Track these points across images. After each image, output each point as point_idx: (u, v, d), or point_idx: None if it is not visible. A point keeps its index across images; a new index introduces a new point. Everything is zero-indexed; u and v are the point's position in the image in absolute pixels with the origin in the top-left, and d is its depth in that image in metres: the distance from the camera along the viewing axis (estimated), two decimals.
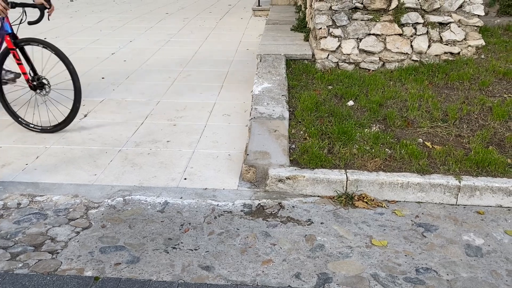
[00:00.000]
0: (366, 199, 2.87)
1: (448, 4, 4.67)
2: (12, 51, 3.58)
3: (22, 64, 3.63)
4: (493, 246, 2.49)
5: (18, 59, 3.59)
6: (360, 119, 3.63)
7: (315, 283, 2.20)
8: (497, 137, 3.40)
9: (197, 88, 4.84)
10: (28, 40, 3.60)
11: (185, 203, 2.82)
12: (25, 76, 3.67)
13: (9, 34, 3.56)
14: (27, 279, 2.19)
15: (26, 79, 3.69)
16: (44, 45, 3.56)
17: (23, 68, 3.65)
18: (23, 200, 2.84)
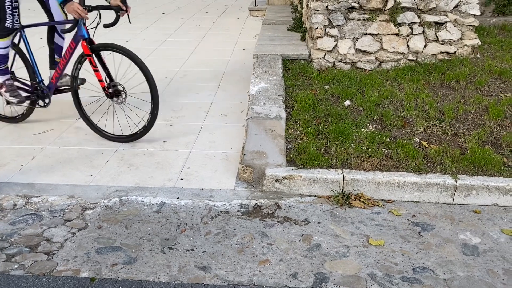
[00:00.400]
0: (363, 199, 2.87)
1: (444, 4, 4.68)
2: (89, 57, 3.40)
3: (98, 71, 3.43)
4: (490, 245, 2.50)
5: (94, 65, 3.41)
6: (357, 119, 3.63)
7: (312, 283, 2.19)
8: (493, 136, 3.41)
9: (193, 88, 4.83)
10: (106, 45, 3.42)
11: (181, 204, 2.82)
12: (102, 83, 3.47)
13: (86, 39, 3.39)
14: (22, 280, 2.18)
15: (102, 86, 3.48)
16: (122, 52, 3.36)
17: (99, 75, 3.44)
18: (19, 201, 2.83)
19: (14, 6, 3.43)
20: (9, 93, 3.65)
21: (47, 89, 3.71)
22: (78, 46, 3.47)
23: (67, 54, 3.53)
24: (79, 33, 3.39)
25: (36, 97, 3.75)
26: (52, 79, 3.68)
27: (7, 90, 3.65)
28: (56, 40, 3.88)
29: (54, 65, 3.87)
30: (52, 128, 3.84)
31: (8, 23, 3.43)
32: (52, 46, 3.91)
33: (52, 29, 3.85)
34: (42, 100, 3.76)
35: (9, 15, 3.42)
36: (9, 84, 3.67)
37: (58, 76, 3.63)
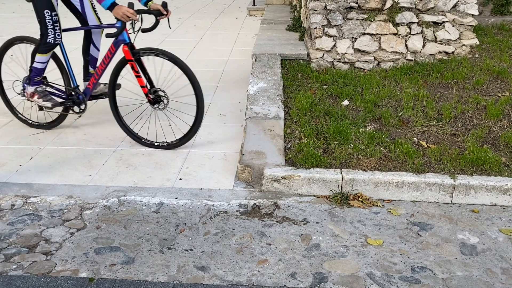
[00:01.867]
0: (362, 198, 2.87)
1: (442, 4, 4.68)
2: (130, 62, 3.31)
3: (140, 77, 3.35)
4: (488, 244, 2.50)
5: (136, 71, 3.32)
6: (355, 119, 3.63)
7: (311, 283, 2.20)
8: (491, 136, 3.42)
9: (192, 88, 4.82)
10: (148, 50, 3.32)
11: (180, 204, 2.82)
12: (144, 89, 3.39)
13: (127, 44, 3.29)
14: (21, 280, 2.18)
15: (145, 92, 3.40)
16: (166, 56, 3.26)
17: (141, 81, 3.36)
18: (17, 201, 2.83)
19: (55, 20, 3.34)
20: (42, 98, 3.57)
21: (83, 95, 3.60)
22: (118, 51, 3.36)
23: (106, 59, 3.43)
24: (120, 38, 3.29)
25: (71, 103, 3.63)
26: (88, 84, 3.58)
27: (39, 96, 3.57)
28: (91, 51, 3.76)
29: (88, 77, 3.75)
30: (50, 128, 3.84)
31: (49, 39, 3.35)
32: (87, 57, 3.78)
33: (88, 41, 3.73)
34: (78, 106, 3.64)
35: (51, 30, 3.33)
36: (41, 90, 3.59)
37: (95, 81, 3.54)
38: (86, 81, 3.75)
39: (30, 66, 3.53)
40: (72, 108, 3.69)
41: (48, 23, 3.32)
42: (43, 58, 3.46)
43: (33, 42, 3.60)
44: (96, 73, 3.51)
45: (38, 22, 3.37)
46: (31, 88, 3.59)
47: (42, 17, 3.30)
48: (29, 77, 3.56)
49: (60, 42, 3.44)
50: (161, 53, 3.29)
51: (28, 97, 3.63)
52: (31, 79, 3.56)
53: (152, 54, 3.31)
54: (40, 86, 3.60)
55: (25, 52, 4.33)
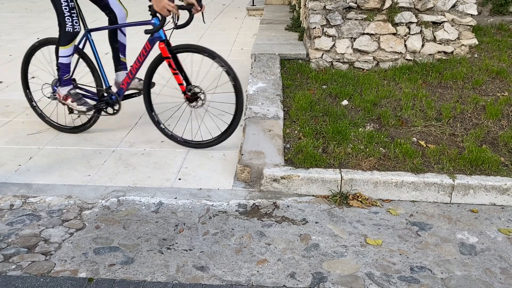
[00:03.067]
0: (361, 198, 2.87)
1: (441, 4, 4.69)
2: (167, 59, 3.23)
3: (178, 74, 3.27)
4: (487, 244, 2.50)
5: (174, 68, 3.24)
6: (355, 119, 3.63)
7: (310, 283, 2.20)
8: (490, 136, 3.42)
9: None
10: (185, 47, 3.24)
11: (179, 204, 2.82)
12: (182, 87, 3.31)
13: (163, 41, 3.20)
14: (20, 281, 2.18)
15: (183, 90, 3.32)
16: (205, 53, 3.19)
17: (179, 79, 3.28)
18: (16, 201, 2.82)
19: (71, 7, 3.18)
20: (76, 102, 3.44)
21: (116, 95, 3.48)
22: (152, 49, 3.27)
23: (141, 57, 3.32)
24: (156, 35, 3.19)
25: (104, 105, 3.53)
26: (122, 84, 3.47)
27: (73, 100, 3.44)
28: (119, 37, 3.59)
29: (120, 66, 3.63)
30: (49, 128, 3.83)
31: (68, 27, 3.19)
32: (116, 45, 3.60)
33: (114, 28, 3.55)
34: (111, 107, 3.53)
35: (68, 17, 3.18)
36: (74, 93, 3.47)
37: (129, 81, 3.43)
38: (118, 71, 3.63)
39: (56, 64, 3.40)
40: (105, 110, 3.56)
41: (65, 10, 3.16)
42: (66, 50, 3.30)
43: None
44: (131, 72, 3.41)
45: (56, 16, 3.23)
46: (63, 90, 3.45)
47: (59, 5, 3.16)
48: (58, 76, 3.43)
49: (79, 31, 3.27)
50: (201, 50, 3.20)
51: (61, 100, 3.49)
52: (61, 79, 3.42)
53: (190, 50, 3.22)
54: (73, 88, 3.48)
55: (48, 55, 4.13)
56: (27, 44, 6.79)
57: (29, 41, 6.91)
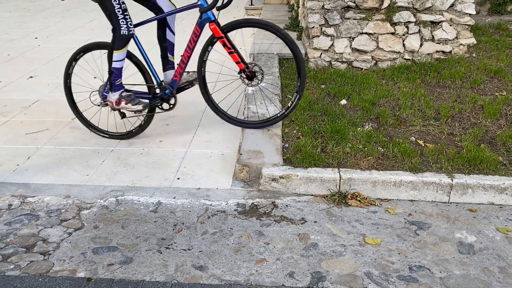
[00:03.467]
0: (359, 198, 2.87)
1: (439, 3, 4.69)
2: (221, 39, 3.17)
3: (234, 53, 3.20)
4: (485, 243, 2.51)
5: (229, 47, 3.18)
6: (353, 118, 3.63)
7: (309, 282, 2.20)
8: (488, 135, 3.42)
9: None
10: (237, 23, 3.19)
11: (178, 203, 2.81)
12: (240, 65, 3.23)
13: (214, 21, 3.16)
14: (18, 280, 2.17)
15: (241, 68, 3.24)
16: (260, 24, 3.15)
17: (235, 57, 3.21)
18: (14, 201, 2.82)
19: (124, 9, 3.07)
20: (131, 103, 3.32)
21: (170, 89, 3.38)
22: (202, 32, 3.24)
23: (192, 43, 3.26)
24: (205, 16, 3.16)
25: (159, 101, 3.42)
26: (175, 76, 3.38)
27: (127, 101, 3.33)
28: (168, 36, 3.47)
29: (168, 65, 3.53)
30: (48, 128, 3.83)
31: (123, 30, 3.09)
32: (164, 44, 3.50)
33: (163, 25, 3.43)
34: (167, 102, 3.43)
35: (122, 20, 3.07)
36: (126, 95, 3.36)
37: (182, 71, 3.35)
38: (166, 70, 3.53)
39: (109, 69, 3.28)
40: (161, 106, 3.47)
41: (118, 12, 3.06)
42: (121, 54, 3.19)
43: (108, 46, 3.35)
44: (182, 61, 3.32)
45: (107, 17, 3.13)
46: (115, 94, 3.34)
47: (111, 8, 3.05)
48: (110, 81, 3.31)
49: (134, 33, 3.19)
50: (253, 22, 3.18)
51: (114, 105, 3.37)
52: (113, 84, 3.31)
53: (243, 25, 3.19)
54: (123, 90, 3.38)
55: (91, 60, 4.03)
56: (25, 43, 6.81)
57: (27, 41, 6.93)
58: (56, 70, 5.29)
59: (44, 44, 6.47)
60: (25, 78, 5.02)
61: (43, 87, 4.73)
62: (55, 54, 5.94)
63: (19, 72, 5.22)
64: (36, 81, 4.95)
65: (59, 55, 5.89)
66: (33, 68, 5.38)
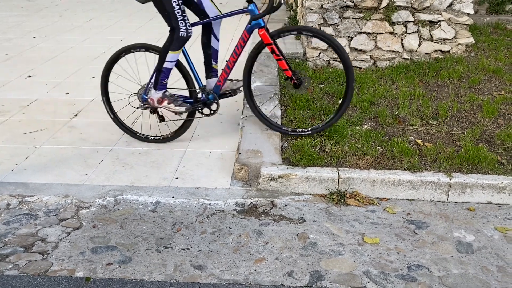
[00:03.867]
0: (358, 197, 2.88)
1: (438, 3, 4.70)
2: (269, 46, 3.10)
3: (282, 60, 3.14)
4: (484, 242, 2.51)
5: (277, 53, 3.12)
6: (352, 117, 3.64)
7: (308, 281, 2.20)
8: (487, 135, 3.43)
9: None
10: (286, 29, 3.13)
11: (177, 203, 2.81)
12: (287, 72, 3.17)
13: (263, 27, 3.08)
14: (17, 280, 2.17)
15: (288, 76, 3.19)
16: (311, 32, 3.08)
17: (283, 64, 3.15)
18: (13, 201, 2.81)
19: (183, 9, 3.01)
20: (173, 103, 3.26)
21: (213, 94, 3.34)
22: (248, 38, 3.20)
23: (239, 49, 3.20)
24: (254, 22, 3.09)
25: (201, 105, 3.38)
26: (218, 81, 3.34)
27: (170, 101, 3.27)
28: (212, 43, 3.43)
29: (211, 72, 3.48)
30: (46, 127, 3.82)
31: (182, 32, 3.02)
32: (209, 51, 3.44)
33: (208, 32, 3.40)
34: (208, 108, 3.39)
35: (181, 21, 3.01)
36: (169, 95, 3.30)
37: (226, 76, 3.31)
38: (209, 78, 3.49)
39: (158, 68, 3.22)
40: (201, 111, 3.43)
41: (177, 13, 2.99)
42: (175, 55, 3.15)
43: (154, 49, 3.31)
44: (227, 67, 3.28)
45: (164, 17, 3.07)
46: (157, 93, 3.29)
47: (170, 8, 2.98)
48: (157, 80, 3.26)
49: (192, 34, 3.12)
50: (303, 29, 3.11)
51: (155, 103, 3.31)
52: (159, 83, 3.25)
53: (294, 32, 3.14)
54: (166, 90, 3.31)
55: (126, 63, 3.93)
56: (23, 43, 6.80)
57: (25, 40, 6.92)
58: (55, 69, 5.28)
59: (42, 43, 6.46)
60: (23, 78, 5.01)
61: (42, 87, 4.73)
62: (53, 53, 5.94)
63: (17, 72, 5.21)
64: (34, 81, 4.94)
65: (58, 55, 5.88)
66: (31, 67, 5.37)
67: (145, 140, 3.54)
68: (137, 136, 3.56)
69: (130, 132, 3.58)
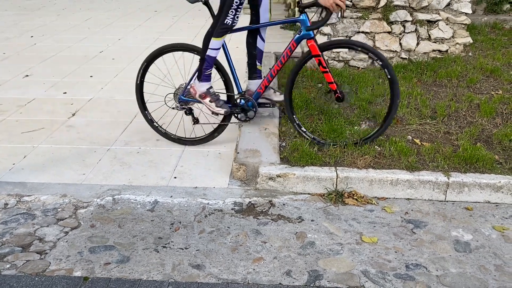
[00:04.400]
0: (356, 196, 2.88)
1: (436, 2, 4.70)
2: (317, 57, 3.08)
3: (328, 72, 3.11)
4: (482, 241, 2.52)
5: (324, 66, 3.08)
6: (350, 117, 3.64)
7: (306, 280, 2.20)
8: (484, 134, 3.44)
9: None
10: (334, 43, 3.16)
11: (175, 202, 2.81)
12: (332, 85, 3.14)
13: (312, 39, 3.06)
14: (15, 280, 2.17)
15: (333, 89, 3.15)
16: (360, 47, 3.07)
17: (329, 77, 3.12)
18: (11, 200, 2.81)
19: (241, 2, 2.99)
20: (215, 103, 3.21)
21: (253, 101, 3.30)
22: None
23: (284, 58, 3.18)
24: (304, 32, 3.05)
25: (239, 110, 3.33)
26: (260, 88, 3.30)
27: (212, 99, 3.21)
28: (258, 44, 3.38)
29: (255, 74, 3.42)
30: (44, 126, 3.81)
31: (228, 20, 3.01)
32: (254, 51, 3.39)
33: (255, 33, 3.36)
34: (245, 114, 3.34)
35: (233, 10, 2.98)
36: (213, 93, 3.23)
37: (268, 84, 3.27)
38: (252, 79, 3.45)
39: (202, 56, 3.17)
40: (237, 116, 3.39)
41: (236, 3, 2.98)
42: (218, 43, 3.10)
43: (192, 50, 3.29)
44: (270, 75, 3.24)
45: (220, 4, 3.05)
46: (202, 86, 3.22)
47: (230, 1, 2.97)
48: (200, 69, 3.20)
49: (235, 26, 3.09)
50: (351, 43, 3.10)
51: (196, 96, 3.24)
52: (203, 73, 3.19)
53: (340, 46, 3.11)
54: (212, 87, 3.25)
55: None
56: (20, 42, 6.77)
57: (22, 39, 6.90)
58: (52, 68, 5.27)
59: (40, 42, 6.45)
60: (20, 77, 5.00)
61: (39, 86, 4.72)
62: (51, 52, 5.92)
63: (14, 71, 5.20)
64: (31, 80, 4.93)
65: (55, 54, 5.87)
66: (29, 66, 5.36)
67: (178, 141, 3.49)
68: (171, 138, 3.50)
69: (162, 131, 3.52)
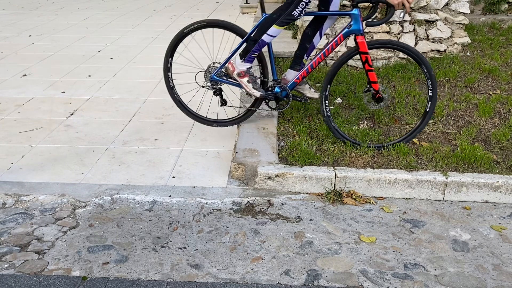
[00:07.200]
0: (355, 196, 2.88)
1: (434, 2, 4.71)
2: (364, 55, 3.00)
3: (373, 71, 3.04)
4: (479, 241, 2.52)
5: (370, 64, 3.02)
6: (348, 117, 3.64)
7: (305, 280, 2.20)
8: (483, 134, 3.45)
9: (185, 85, 4.81)
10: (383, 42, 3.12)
11: (173, 202, 2.81)
12: (375, 85, 3.05)
13: (362, 35, 3.00)
14: (13, 279, 2.16)
15: (376, 89, 3.06)
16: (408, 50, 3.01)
17: (373, 76, 3.04)
18: (9, 200, 2.80)
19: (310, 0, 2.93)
20: (252, 84, 3.16)
21: (288, 91, 3.24)
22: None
23: (328, 51, 3.10)
24: (354, 27, 3.00)
25: (273, 97, 3.28)
26: (297, 78, 3.23)
27: (250, 80, 3.16)
28: (315, 39, 3.31)
29: (298, 65, 3.34)
30: (42, 126, 3.81)
31: (295, 12, 2.97)
32: (307, 44, 3.32)
33: (316, 26, 3.27)
34: (276, 102, 3.32)
35: (303, 4, 2.94)
36: (252, 74, 3.18)
37: (306, 75, 3.21)
38: (293, 69, 3.35)
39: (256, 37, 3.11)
40: (268, 103, 3.34)
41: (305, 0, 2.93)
42: (277, 31, 3.07)
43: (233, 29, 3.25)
44: (311, 66, 3.17)
45: None
46: (243, 66, 3.17)
47: None
48: (248, 50, 3.15)
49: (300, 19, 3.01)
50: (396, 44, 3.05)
51: (234, 74, 3.20)
52: (249, 54, 3.13)
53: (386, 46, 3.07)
54: (251, 67, 3.16)
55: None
56: (18, 41, 6.76)
57: (20, 39, 6.89)
58: (50, 68, 5.26)
59: (38, 42, 6.44)
60: (18, 76, 4.99)
61: (37, 85, 4.71)
62: (49, 52, 5.91)
63: (12, 70, 5.19)
64: (30, 79, 4.92)
65: (53, 53, 5.86)
66: (27, 66, 5.35)
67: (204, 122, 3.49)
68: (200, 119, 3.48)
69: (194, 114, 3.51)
